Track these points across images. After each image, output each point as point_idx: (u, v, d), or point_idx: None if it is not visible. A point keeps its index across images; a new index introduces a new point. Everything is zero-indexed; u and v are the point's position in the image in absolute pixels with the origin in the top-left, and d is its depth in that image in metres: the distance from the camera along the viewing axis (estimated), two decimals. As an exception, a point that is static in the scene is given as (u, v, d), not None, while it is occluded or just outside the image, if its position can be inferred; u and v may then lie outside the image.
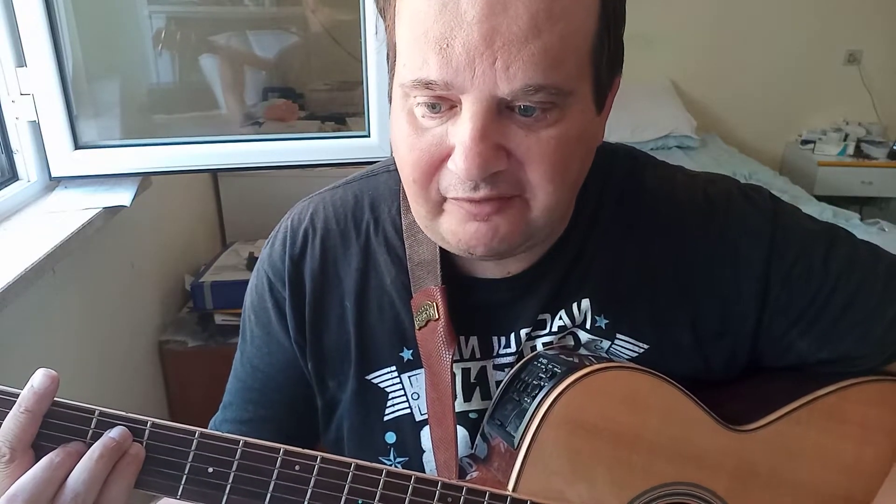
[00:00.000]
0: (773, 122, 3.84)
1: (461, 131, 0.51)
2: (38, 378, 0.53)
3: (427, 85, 0.51)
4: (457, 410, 0.66)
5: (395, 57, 0.55)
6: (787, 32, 3.62)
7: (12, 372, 1.18)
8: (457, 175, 0.53)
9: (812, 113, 3.84)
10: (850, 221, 2.66)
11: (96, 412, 0.54)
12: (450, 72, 0.49)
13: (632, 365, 0.63)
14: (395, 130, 0.57)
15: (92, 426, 0.54)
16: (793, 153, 3.85)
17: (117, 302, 1.64)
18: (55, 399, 0.53)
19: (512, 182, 0.54)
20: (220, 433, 0.56)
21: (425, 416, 0.67)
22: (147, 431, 0.54)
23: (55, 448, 0.52)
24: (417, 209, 0.59)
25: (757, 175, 3.17)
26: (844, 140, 3.65)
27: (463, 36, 0.49)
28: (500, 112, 0.51)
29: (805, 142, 3.77)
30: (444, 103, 0.52)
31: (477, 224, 0.55)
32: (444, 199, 0.56)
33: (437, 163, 0.54)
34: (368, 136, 1.53)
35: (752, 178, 3.08)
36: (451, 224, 0.57)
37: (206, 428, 0.74)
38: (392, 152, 0.60)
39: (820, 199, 3.02)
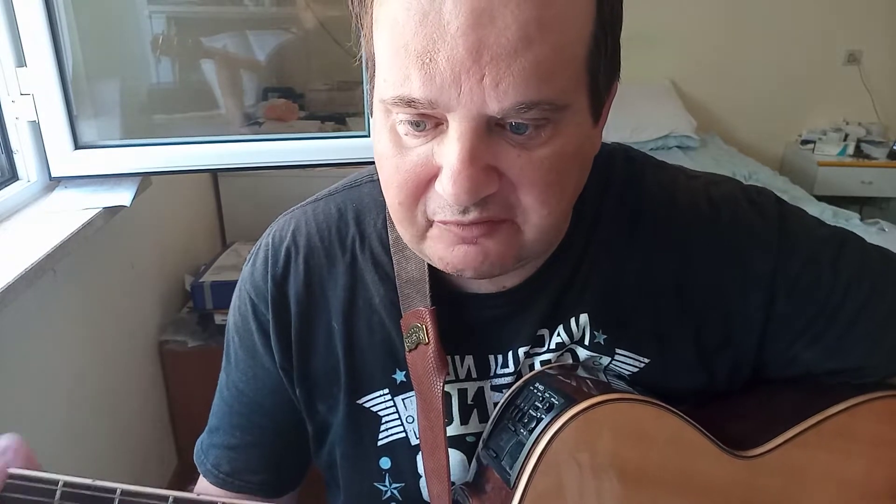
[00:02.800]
0: (773, 122, 3.84)
1: (448, 152, 0.47)
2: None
3: (409, 103, 0.46)
4: (453, 434, 0.64)
5: (374, 68, 0.51)
6: (787, 32, 3.62)
7: (13, 372, 1.18)
8: (444, 198, 0.49)
9: (812, 113, 3.84)
10: (850, 221, 2.66)
11: (60, 483, 0.50)
12: (434, 89, 0.45)
13: (632, 396, 0.59)
14: (377, 147, 0.53)
15: (56, 498, 0.50)
16: (793, 153, 3.85)
17: (117, 302, 1.64)
18: (15, 471, 0.50)
19: (502, 205, 0.50)
20: (194, 496, 0.52)
21: None
22: (117, 500, 0.51)
23: None
24: (403, 232, 0.55)
25: (757, 175, 3.17)
26: (844, 140, 3.65)
27: (447, 50, 0.44)
28: (489, 130, 0.47)
29: (805, 142, 3.77)
30: (428, 121, 0.48)
31: (465, 248, 0.52)
32: (431, 223, 0.52)
33: (423, 184, 0.50)
34: (368, 136, 1.53)
35: (751, 178, 3.09)
36: (438, 248, 0.53)
37: (194, 449, 0.73)
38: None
39: (820, 199, 3.01)
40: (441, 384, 0.60)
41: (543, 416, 0.57)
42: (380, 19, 0.48)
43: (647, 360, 0.63)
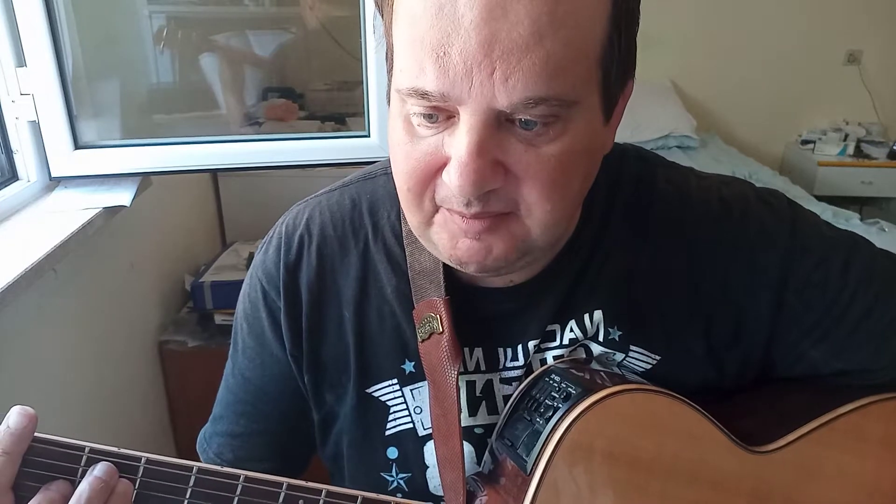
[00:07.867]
0: (773, 122, 3.84)
1: (458, 144, 0.48)
2: (14, 417, 0.51)
3: (423, 95, 0.48)
4: (462, 425, 0.64)
5: (392, 59, 0.53)
6: (787, 32, 3.62)
7: (12, 372, 1.18)
8: (450, 188, 0.50)
9: (812, 113, 3.84)
10: (850, 221, 2.66)
11: (86, 448, 0.51)
12: (447, 83, 0.46)
13: (648, 386, 0.60)
14: (391, 135, 0.54)
15: (82, 464, 0.51)
16: (793, 153, 3.85)
17: (117, 302, 1.64)
18: (41, 436, 0.51)
19: (505, 200, 0.51)
20: (218, 468, 0.53)
21: (428, 431, 0.65)
22: (141, 468, 0.52)
23: (39, 488, 0.50)
24: (411, 218, 0.56)
25: (757, 175, 3.17)
26: (844, 140, 3.66)
27: (460, 43, 0.45)
28: (499, 125, 0.48)
29: (805, 142, 3.77)
30: (440, 114, 0.49)
31: (469, 241, 0.53)
32: (438, 209, 0.53)
33: (431, 173, 0.51)
34: (368, 136, 1.53)
35: (751, 178, 3.08)
36: (443, 238, 0.54)
37: (196, 440, 0.74)
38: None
39: (820, 199, 3.02)
40: (455, 373, 0.61)
41: (560, 405, 0.58)
42: (399, 11, 0.49)
43: (658, 357, 0.64)
